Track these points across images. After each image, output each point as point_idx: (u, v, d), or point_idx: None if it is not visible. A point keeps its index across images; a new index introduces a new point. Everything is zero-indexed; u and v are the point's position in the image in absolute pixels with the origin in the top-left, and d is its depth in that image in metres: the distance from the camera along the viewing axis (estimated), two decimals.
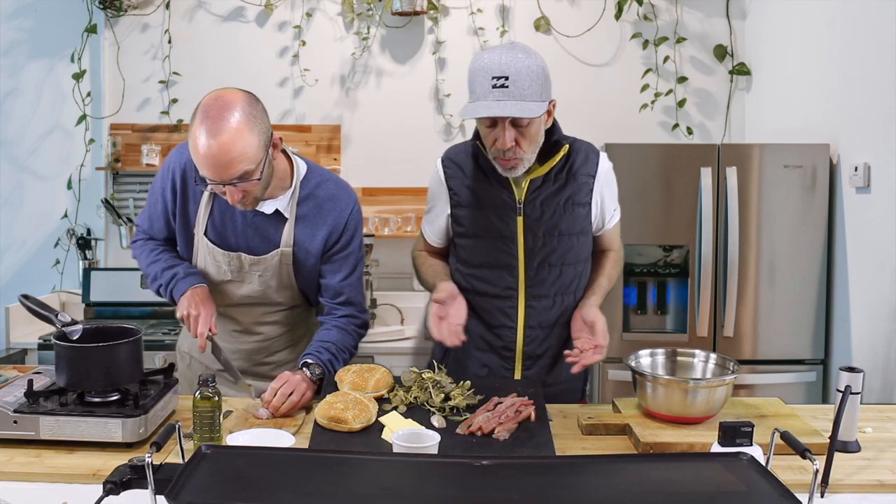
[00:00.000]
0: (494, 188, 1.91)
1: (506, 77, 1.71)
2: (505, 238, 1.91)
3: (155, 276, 1.98)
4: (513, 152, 1.79)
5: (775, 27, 3.43)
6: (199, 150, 1.67)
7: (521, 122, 1.75)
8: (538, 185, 1.90)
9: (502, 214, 1.90)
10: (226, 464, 1.16)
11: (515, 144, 1.78)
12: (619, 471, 1.20)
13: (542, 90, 1.76)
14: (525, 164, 1.83)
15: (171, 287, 1.93)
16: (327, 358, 1.89)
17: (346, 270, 1.98)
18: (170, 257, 2.00)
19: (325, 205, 1.95)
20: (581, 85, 3.73)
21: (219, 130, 1.66)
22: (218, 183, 1.72)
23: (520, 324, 1.93)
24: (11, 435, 1.52)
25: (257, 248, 1.93)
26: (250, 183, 1.73)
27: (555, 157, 1.89)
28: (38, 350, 3.23)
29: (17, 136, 3.75)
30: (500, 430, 1.54)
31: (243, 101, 1.71)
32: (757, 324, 2.97)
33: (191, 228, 1.96)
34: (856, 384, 1.51)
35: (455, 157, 1.98)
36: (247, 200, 1.79)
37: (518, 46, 1.78)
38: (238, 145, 1.67)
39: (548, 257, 1.91)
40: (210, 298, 1.90)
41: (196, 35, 3.75)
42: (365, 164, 3.74)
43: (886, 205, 2.58)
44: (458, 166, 1.96)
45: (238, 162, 1.68)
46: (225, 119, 1.66)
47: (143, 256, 2.03)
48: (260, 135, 1.72)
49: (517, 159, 1.81)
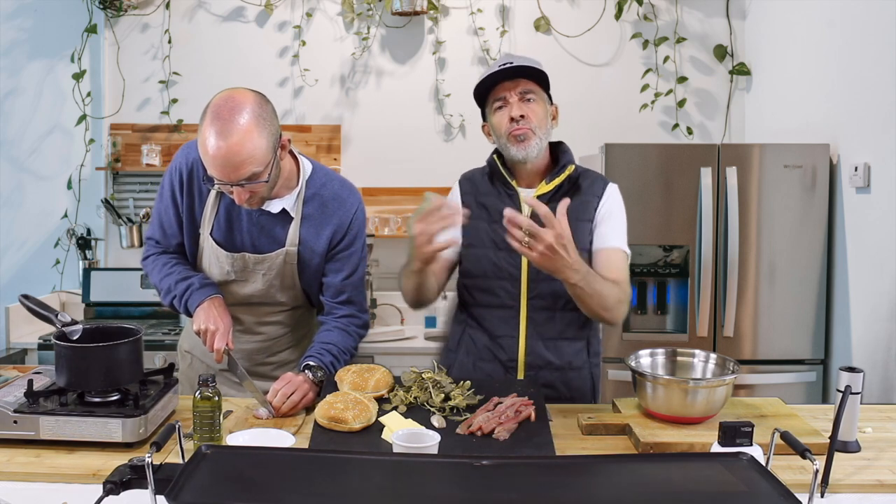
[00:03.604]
0: (504, 202, 1.96)
1: (510, 61, 1.91)
2: (509, 249, 1.92)
3: (168, 288, 1.96)
4: (525, 121, 1.89)
5: (775, 27, 3.43)
6: (208, 150, 1.67)
7: (528, 96, 1.90)
8: (545, 201, 1.91)
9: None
10: (226, 464, 1.16)
11: (526, 116, 1.88)
12: (619, 471, 1.20)
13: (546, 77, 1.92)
14: (535, 143, 1.91)
15: (187, 298, 1.92)
16: (329, 360, 1.89)
17: (349, 270, 1.98)
18: (183, 269, 1.98)
19: (331, 204, 1.95)
20: (581, 85, 3.73)
21: (229, 132, 1.66)
22: (226, 184, 1.72)
23: (521, 334, 1.95)
24: (11, 435, 1.52)
25: (262, 247, 1.93)
26: (258, 184, 1.74)
27: (562, 174, 1.95)
28: (38, 350, 3.24)
29: (17, 136, 3.75)
30: (500, 430, 1.54)
31: (253, 103, 1.71)
32: (757, 324, 2.97)
33: (196, 227, 1.96)
34: (856, 384, 1.51)
35: (472, 177, 2.07)
36: (253, 200, 1.79)
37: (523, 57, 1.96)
38: (247, 147, 1.67)
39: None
40: (227, 311, 1.90)
41: (196, 35, 3.75)
42: (365, 164, 3.74)
43: (886, 205, 2.58)
44: (473, 183, 2.04)
45: (247, 164, 1.68)
46: (235, 121, 1.66)
47: (156, 271, 2.00)
48: (269, 137, 1.72)
49: (528, 129, 1.89)
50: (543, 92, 1.94)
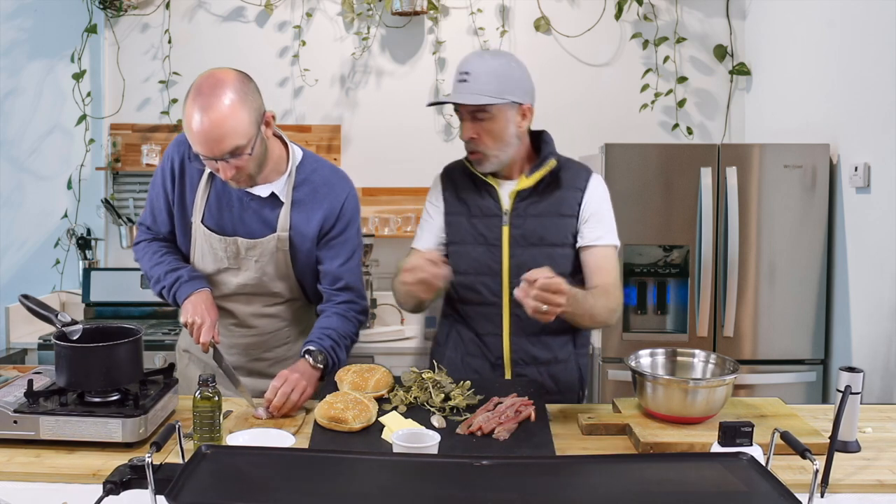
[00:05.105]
0: (483, 198, 1.98)
1: (467, 73, 1.87)
2: (490, 245, 1.96)
3: (158, 278, 1.98)
4: (474, 144, 1.90)
5: (775, 27, 3.43)
6: (191, 125, 1.72)
7: (479, 116, 1.86)
8: (525, 196, 1.95)
9: (489, 222, 1.96)
10: (226, 464, 1.16)
11: (478, 137, 1.88)
12: (619, 471, 1.20)
13: (502, 88, 1.85)
14: (492, 161, 1.92)
15: (175, 290, 1.94)
16: (329, 345, 1.88)
17: (344, 256, 1.97)
18: (173, 259, 2.00)
19: (321, 189, 1.96)
20: (581, 85, 3.73)
21: (210, 106, 1.70)
22: (210, 159, 1.76)
23: (505, 331, 1.97)
24: (11, 435, 1.52)
25: (254, 231, 1.94)
26: (242, 159, 1.76)
27: (542, 169, 1.94)
28: (38, 350, 3.23)
29: (17, 136, 3.75)
30: (500, 430, 1.54)
31: (235, 79, 1.75)
32: (757, 324, 2.97)
33: (188, 217, 1.97)
34: (856, 384, 1.51)
35: (452, 171, 2.07)
36: (240, 178, 1.81)
37: (501, 53, 1.91)
38: (229, 121, 1.71)
39: (530, 265, 1.90)
40: (214, 305, 1.91)
41: (196, 35, 3.75)
42: (365, 164, 3.74)
43: (886, 205, 2.58)
44: (453, 178, 2.04)
45: (229, 137, 1.72)
46: (216, 95, 1.71)
47: (147, 258, 2.03)
48: (251, 111, 1.75)
49: (480, 153, 1.91)
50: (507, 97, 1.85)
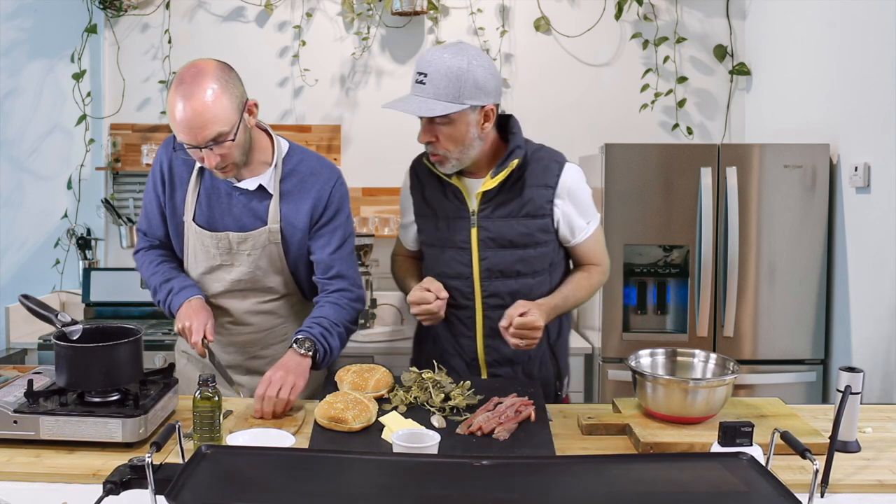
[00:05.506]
0: (450, 200, 1.96)
1: (425, 74, 1.81)
2: (459, 248, 1.95)
3: (155, 289, 2.01)
4: (433, 147, 1.87)
5: (775, 27, 3.43)
6: (174, 114, 1.75)
7: (437, 120, 1.82)
8: (491, 197, 1.92)
9: (457, 225, 1.95)
10: (226, 464, 1.16)
11: (436, 141, 1.85)
12: (619, 471, 1.20)
13: (459, 92, 1.78)
14: (453, 163, 1.89)
15: (169, 302, 1.97)
16: (318, 332, 1.87)
17: (335, 244, 1.97)
18: (167, 269, 2.02)
19: (308, 179, 1.96)
20: (581, 85, 3.73)
21: (192, 94, 1.73)
22: (194, 146, 1.77)
23: (478, 333, 1.97)
24: (11, 435, 1.52)
25: (245, 225, 1.95)
26: (225, 146, 1.78)
27: (505, 170, 1.89)
28: (38, 350, 3.23)
29: (17, 136, 3.75)
30: (500, 430, 1.54)
31: (215, 68, 1.79)
32: (757, 324, 2.97)
33: (179, 217, 1.98)
34: (856, 384, 1.51)
35: (418, 168, 2.05)
36: (226, 166, 1.82)
37: (462, 49, 1.81)
38: (211, 108, 1.74)
39: (501, 267, 1.92)
40: (204, 308, 1.92)
41: (196, 35, 3.75)
42: (365, 164, 3.74)
43: (886, 205, 2.58)
44: (420, 177, 2.03)
45: (212, 123, 1.74)
46: (198, 83, 1.74)
47: (144, 268, 2.06)
48: (233, 98, 1.78)
49: (440, 156, 1.88)
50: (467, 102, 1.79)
